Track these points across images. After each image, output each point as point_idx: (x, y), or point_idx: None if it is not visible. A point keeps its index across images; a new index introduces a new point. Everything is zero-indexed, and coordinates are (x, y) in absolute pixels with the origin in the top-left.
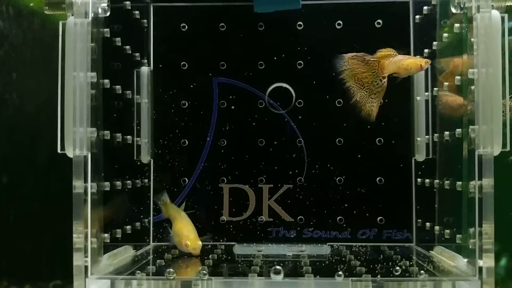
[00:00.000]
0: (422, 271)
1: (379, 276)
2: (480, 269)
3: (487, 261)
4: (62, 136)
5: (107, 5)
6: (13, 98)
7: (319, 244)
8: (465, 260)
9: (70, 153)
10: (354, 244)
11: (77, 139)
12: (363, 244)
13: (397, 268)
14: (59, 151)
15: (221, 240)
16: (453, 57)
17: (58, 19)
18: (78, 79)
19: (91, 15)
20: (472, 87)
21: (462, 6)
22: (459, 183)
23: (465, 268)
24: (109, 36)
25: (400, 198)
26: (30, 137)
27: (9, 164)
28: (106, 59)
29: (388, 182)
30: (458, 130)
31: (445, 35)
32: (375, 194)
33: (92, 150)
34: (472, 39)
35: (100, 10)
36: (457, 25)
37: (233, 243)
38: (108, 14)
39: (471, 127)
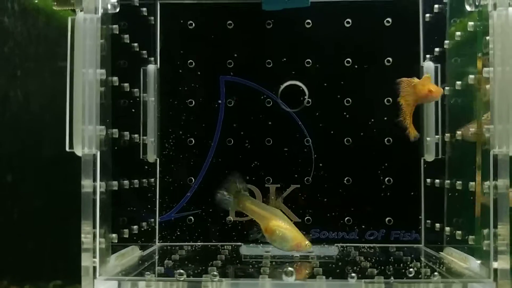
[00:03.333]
0: (435, 273)
1: (392, 278)
2: (495, 271)
3: (502, 263)
4: (71, 134)
5: (117, 1)
6: (18, 95)
7: (327, 245)
8: (478, 261)
9: (78, 151)
10: (362, 245)
11: (86, 137)
12: (371, 245)
13: (411, 270)
14: (67, 149)
15: (227, 241)
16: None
17: (63, 16)
18: (87, 76)
19: (100, 11)
20: (488, 86)
21: (477, 3)
22: (472, 183)
23: (478, 270)
24: (117, 32)
25: (408, 198)
26: (34, 135)
27: (13, 162)
28: (115, 56)
29: (397, 182)
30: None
31: (458, 33)
32: (383, 195)
33: (101, 148)
34: (487, 37)
35: (109, 6)
36: (471, 23)
37: (240, 243)
38: (117, 10)
39: (486, 126)
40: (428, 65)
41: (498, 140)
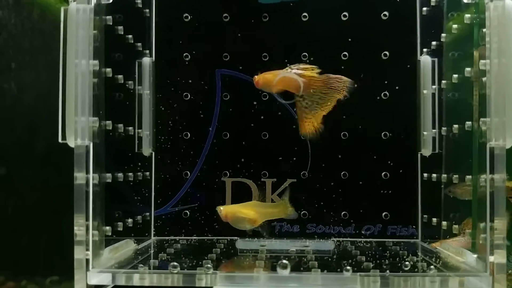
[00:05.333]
0: (431, 267)
1: (387, 271)
2: (491, 265)
3: (498, 257)
4: (63, 125)
5: None
6: (12, 88)
7: (323, 240)
8: (475, 255)
9: (71, 142)
10: (358, 239)
11: (78, 128)
12: (368, 240)
13: (406, 263)
14: (60, 140)
15: (223, 235)
16: None
17: (58, 9)
18: (80, 67)
19: (94, 1)
20: (484, 79)
21: None
22: (468, 177)
23: (475, 264)
24: (111, 24)
25: (405, 193)
26: (28, 128)
27: (7, 155)
28: (108, 47)
29: (394, 177)
30: (468, 123)
31: (455, 26)
32: (380, 189)
33: (94, 140)
34: (484, 30)
35: None
36: (467, 15)
37: (236, 237)
38: (111, 0)
39: (482, 119)
40: (425, 59)
41: (494, 133)
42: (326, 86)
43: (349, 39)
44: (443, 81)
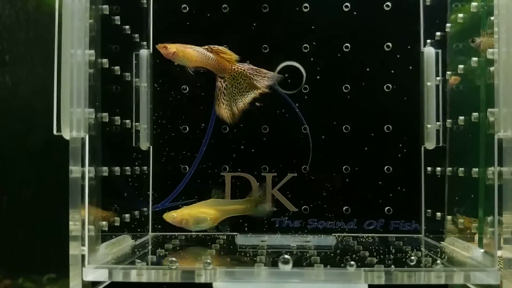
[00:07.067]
0: (438, 261)
1: (392, 266)
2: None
3: (506, 252)
4: (58, 116)
5: None
6: (6, 81)
7: (325, 235)
8: (481, 250)
9: (66, 134)
10: (360, 235)
11: (74, 120)
12: (370, 235)
13: (412, 258)
14: (55, 132)
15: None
16: None
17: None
18: (75, 57)
19: None
20: (492, 68)
21: None
22: (475, 169)
23: (482, 259)
24: (108, 13)
25: (408, 187)
26: (23, 122)
27: (1, 150)
28: (105, 38)
29: (397, 170)
30: (475, 114)
31: (460, 16)
32: (382, 184)
33: (90, 132)
34: (492, 18)
35: None
36: (474, 3)
37: (235, 233)
38: None
39: (490, 110)
40: (429, 50)
41: (503, 124)
42: (250, 76)
43: (351, 31)
44: (448, 73)
